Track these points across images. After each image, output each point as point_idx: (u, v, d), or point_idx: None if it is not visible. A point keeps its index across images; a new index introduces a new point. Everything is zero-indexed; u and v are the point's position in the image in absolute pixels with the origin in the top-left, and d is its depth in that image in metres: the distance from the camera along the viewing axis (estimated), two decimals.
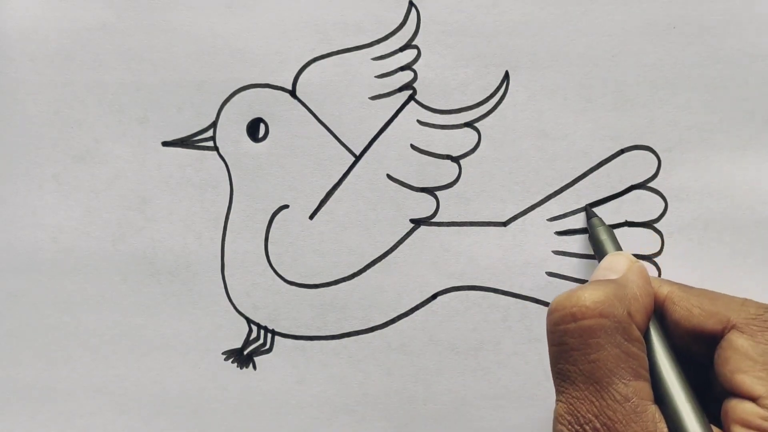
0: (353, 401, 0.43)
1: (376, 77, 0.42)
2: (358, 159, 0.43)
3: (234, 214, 0.43)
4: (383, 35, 0.42)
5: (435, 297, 0.43)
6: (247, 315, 0.43)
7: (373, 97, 0.42)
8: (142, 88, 0.43)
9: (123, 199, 0.43)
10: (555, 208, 0.42)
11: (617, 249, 0.39)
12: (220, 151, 0.43)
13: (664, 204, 0.42)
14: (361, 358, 0.43)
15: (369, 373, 0.43)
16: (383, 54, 0.42)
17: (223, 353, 0.43)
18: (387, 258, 0.43)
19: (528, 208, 0.42)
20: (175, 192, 0.43)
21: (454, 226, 0.43)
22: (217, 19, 0.43)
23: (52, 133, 0.43)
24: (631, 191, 0.42)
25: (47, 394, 0.44)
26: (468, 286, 0.43)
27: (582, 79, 0.42)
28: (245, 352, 0.43)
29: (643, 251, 0.42)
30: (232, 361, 0.43)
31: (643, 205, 0.42)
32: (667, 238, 0.42)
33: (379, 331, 0.43)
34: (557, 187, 0.42)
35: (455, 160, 0.42)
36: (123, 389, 0.44)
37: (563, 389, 0.33)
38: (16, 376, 0.44)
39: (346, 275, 0.43)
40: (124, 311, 0.43)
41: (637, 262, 0.37)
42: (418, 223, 0.43)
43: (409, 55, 0.42)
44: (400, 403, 0.43)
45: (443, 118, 0.42)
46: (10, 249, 0.44)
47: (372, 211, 0.43)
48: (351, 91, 0.42)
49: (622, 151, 0.42)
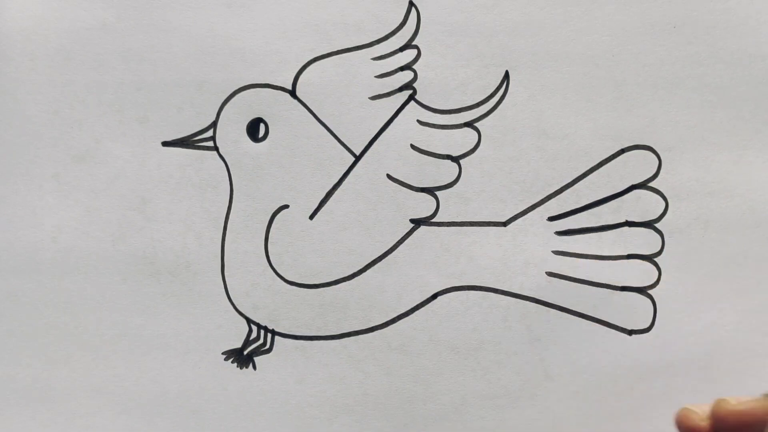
0: (353, 401, 0.43)
1: (376, 77, 0.42)
2: (358, 159, 0.43)
3: (234, 214, 0.43)
4: (383, 35, 0.42)
5: (435, 297, 0.43)
6: (247, 315, 0.43)
7: (373, 97, 0.42)
8: (142, 88, 0.43)
9: (123, 199, 0.43)
10: (555, 208, 0.42)
11: None
12: (220, 151, 0.43)
13: (664, 204, 0.42)
14: (361, 358, 0.43)
15: (369, 373, 0.43)
16: (383, 54, 0.42)
17: (222, 353, 0.43)
18: (387, 258, 0.43)
19: (528, 208, 0.42)
20: (175, 192, 0.43)
21: (454, 226, 0.43)
22: (217, 19, 0.43)
23: (52, 133, 0.43)
24: (631, 191, 0.42)
25: (47, 394, 0.44)
26: (468, 286, 0.42)
27: (582, 79, 0.42)
28: (245, 352, 0.43)
29: (644, 251, 0.42)
30: (232, 361, 0.43)
31: (644, 205, 0.42)
32: (667, 238, 0.42)
33: (379, 331, 0.43)
34: (557, 187, 0.42)
35: (455, 160, 0.42)
36: (123, 389, 0.44)
37: None
38: (15, 376, 0.44)
39: (346, 275, 0.43)
40: (124, 311, 0.43)
41: None
42: (418, 223, 0.43)
43: (409, 55, 0.42)
44: (400, 403, 0.43)
45: (443, 118, 0.42)
46: (10, 249, 0.43)
47: (372, 211, 0.43)
48: (351, 91, 0.42)
49: (622, 151, 0.42)
